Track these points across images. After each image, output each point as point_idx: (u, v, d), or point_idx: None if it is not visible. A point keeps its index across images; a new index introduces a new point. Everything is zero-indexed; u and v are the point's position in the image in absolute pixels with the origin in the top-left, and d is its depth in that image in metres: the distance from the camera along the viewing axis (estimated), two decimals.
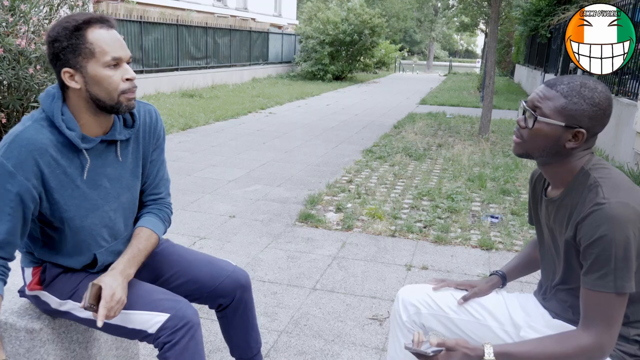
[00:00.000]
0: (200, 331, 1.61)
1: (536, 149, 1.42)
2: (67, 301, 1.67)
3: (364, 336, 2.66)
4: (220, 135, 8.32)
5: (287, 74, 22.39)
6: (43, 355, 1.76)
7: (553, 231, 1.51)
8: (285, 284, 3.22)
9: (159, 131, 1.79)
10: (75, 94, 1.53)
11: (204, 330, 2.63)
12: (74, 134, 1.52)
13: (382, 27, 21.62)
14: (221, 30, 17.55)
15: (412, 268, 3.50)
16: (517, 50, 22.63)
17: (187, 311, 1.58)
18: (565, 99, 1.35)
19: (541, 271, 1.66)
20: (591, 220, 1.30)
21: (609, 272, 1.27)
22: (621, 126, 6.73)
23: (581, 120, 1.35)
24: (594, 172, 1.38)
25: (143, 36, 13.25)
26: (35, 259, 1.71)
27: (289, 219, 4.41)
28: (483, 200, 5.04)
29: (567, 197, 1.43)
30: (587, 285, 1.32)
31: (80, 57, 1.47)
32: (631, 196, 1.31)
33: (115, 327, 1.63)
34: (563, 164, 1.42)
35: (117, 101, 1.52)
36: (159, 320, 1.56)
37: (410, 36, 56.05)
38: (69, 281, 1.68)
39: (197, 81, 15.48)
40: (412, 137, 8.34)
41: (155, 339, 1.56)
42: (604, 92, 1.36)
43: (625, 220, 1.27)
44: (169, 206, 1.88)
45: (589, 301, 1.32)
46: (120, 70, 1.51)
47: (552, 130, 1.37)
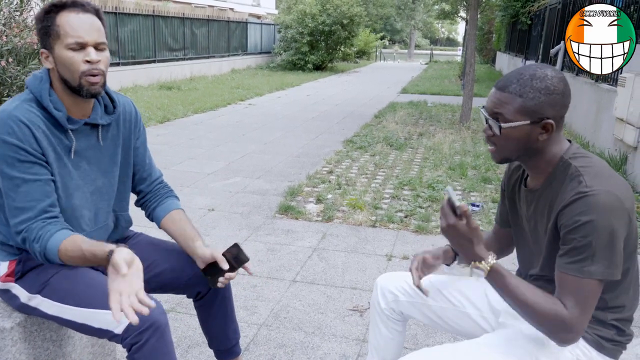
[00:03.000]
0: (168, 331, 1.57)
1: (512, 152, 1.42)
2: (36, 296, 1.65)
3: (345, 327, 2.65)
4: (199, 128, 8.23)
5: (267, 64, 22.23)
6: (15, 355, 1.72)
7: (533, 222, 1.50)
8: (265, 276, 3.19)
9: (139, 120, 1.88)
10: (52, 74, 1.59)
11: (182, 325, 2.60)
12: (62, 114, 1.58)
13: (360, 16, 21.55)
14: (199, 20, 17.33)
15: (393, 258, 3.50)
16: (498, 38, 22.75)
17: (154, 311, 1.54)
18: (521, 98, 1.34)
19: (518, 261, 1.65)
20: (573, 207, 1.29)
21: (587, 257, 1.27)
22: (601, 112, 6.79)
23: (544, 112, 1.34)
24: (575, 161, 1.37)
25: (119, 28, 13.02)
26: (13, 251, 1.68)
27: (269, 211, 4.38)
28: (464, 188, 5.05)
29: (548, 187, 1.42)
30: (562, 269, 1.31)
31: (50, 39, 1.54)
32: (613, 184, 1.30)
33: (81, 326, 1.61)
34: (542, 155, 1.41)
35: (79, 83, 1.56)
36: (124, 320, 1.52)
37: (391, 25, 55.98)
38: (41, 274, 1.66)
39: (175, 73, 15.29)
40: (393, 127, 8.34)
41: (122, 339, 1.53)
42: (556, 76, 1.35)
43: (609, 208, 1.26)
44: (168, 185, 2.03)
45: (564, 284, 1.31)
46: (82, 53, 1.55)
47: (521, 130, 1.36)
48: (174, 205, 1.92)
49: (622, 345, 1.43)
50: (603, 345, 1.40)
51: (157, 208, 1.92)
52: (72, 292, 1.61)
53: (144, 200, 1.95)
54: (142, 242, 1.93)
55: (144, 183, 1.93)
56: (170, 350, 1.58)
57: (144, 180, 1.92)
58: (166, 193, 1.96)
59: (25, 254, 1.67)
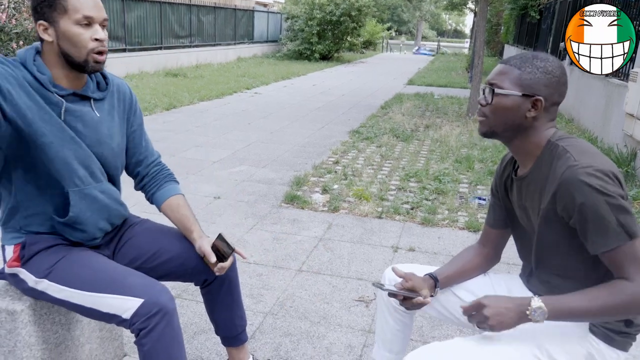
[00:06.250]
0: (176, 317, 1.58)
1: (499, 124, 1.45)
2: (42, 280, 1.65)
3: (350, 318, 2.65)
4: (205, 116, 8.21)
5: (273, 53, 22.14)
6: (25, 337, 1.73)
7: (526, 210, 1.50)
8: (270, 265, 3.20)
9: (135, 102, 1.88)
10: (48, 47, 1.59)
11: (189, 312, 2.61)
12: (45, 77, 1.57)
13: (369, 6, 21.41)
14: (205, 8, 17.24)
15: (399, 250, 3.50)
16: (507, 30, 22.55)
17: (162, 297, 1.55)
18: (519, 70, 1.41)
19: (520, 256, 1.65)
20: (567, 185, 1.30)
21: (611, 226, 1.27)
22: (611, 107, 6.74)
23: (538, 89, 1.40)
24: (561, 141, 1.40)
25: (125, 14, 12.96)
26: (17, 234, 1.69)
27: (275, 200, 4.37)
28: (470, 181, 5.04)
29: (537, 170, 1.44)
30: (601, 250, 1.30)
31: (55, 12, 1.54)
32: (598, 157, 1.33)
33: (89, 310, 1.61)
34: (528, 136, 1.44)
35: (85, 59, 1.58)
36: (132, 305, 1.53)
37: (398, 15, 55.66)
38: (46, 259, 1.66)
39: (181, 60, 15.24)
40: (399, 118, 8.31)
41: (130, 324, 1.54)
42: (556, 62, 1.42)
43: (601, 178, 1.28)
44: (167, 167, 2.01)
45: (613, 262, 1.30)
46: (91, 29, 1.56)
47: (511, 101, 1.41)
48: (173, 191, 1.92)
49: (631, 336, 1.43)
50: (612, 338, 1.40)
51: (157, 193, 1.92)
52: (79, 276, 1.62)
53: (142, 184, 1.95)
54: (149, 229, 1.92)
55: (140, 165, 1.92)
56: (178, 336, 1.58)
57: (140, 163, 1.92)
58: (165, 177, 1.95)
59: (29, 237, 1.68)
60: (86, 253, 1.71)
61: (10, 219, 1.70)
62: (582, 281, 1.39)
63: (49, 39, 1.56)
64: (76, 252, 1.70)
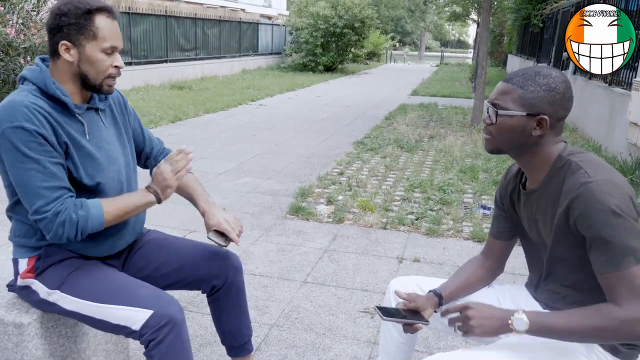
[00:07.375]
0: (185, 329, 1.59)
1: (505, 143, 1.45)
2: (55, 291, 1.67)
3: (356, 329, 2.65)
4: (210, 128, 8.26)
5: (278, 65, 22.26)
6: (32, 350, 1.75)
7: (537, 223, 1.50)
8: (276, 277, 3.20)
9: (126, 103, 1.94)
10: (64, 65, 1.62)
11: (194, 324, 2.62)
12: (69, 100, 1.62)
13: (372, 18, 21.53)
14: (210, 21, 17.40)
15: (404, 260, 3.50)
16: (510, 40, 22.62)
17: (171, 308, 1.57)
18: (522, 89, 1.39)
19: (528, 267, 1.65)
20: (581, 200, 1.30)
21: (616, 249, 1.26)
22: (615, 116, 6.74)
23: (541, 107, 1.38)
24: (573, 157, 1.40)
25: (131, 27, 13.10)
26: (33, 248, 1.69)
27: (280, 212, 4.39)
28: (475, 191, 5.04)
29: (548, 184, 1.43)
30: (601, 270, 1.29)
31: (82, 37, 1.59)
32: (612, 174, 1.33)
33: (99, 322, 1.63)
34: (536, 153, 1.44)
35: (101, 83, 1.65)
36: (142, 317, 1.55)
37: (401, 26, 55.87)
38: (60, 271, 1.68)
39: (187, 73, 15.35)
40: (403, 129, 8.33)
41: (140, 335, 1.56)
42: (559, 77, 1.40)
43: (616, 197, 1.27)
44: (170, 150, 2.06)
45: (610, 284, 1.29)
46: (112, 57, 1.64)
47: (516, 121, 1.40)
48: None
49: (637, 348, 1.42)
50: (619, 350, 1.40)
51: None
52: (90, 288, 1.64)
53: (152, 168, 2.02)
54: (156, 239, 1.96)
55: (150, 156, 2.02)
56: (187, 347, 1.60)
57: (149, 154, 2.02)
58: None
59: (45, 250, 1.68)
60: (98, 265, 1.74)
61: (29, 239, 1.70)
62: (592, 293, 1.38)
63: (70, 59, 1.60)
64: (88, 264, 1.72)
